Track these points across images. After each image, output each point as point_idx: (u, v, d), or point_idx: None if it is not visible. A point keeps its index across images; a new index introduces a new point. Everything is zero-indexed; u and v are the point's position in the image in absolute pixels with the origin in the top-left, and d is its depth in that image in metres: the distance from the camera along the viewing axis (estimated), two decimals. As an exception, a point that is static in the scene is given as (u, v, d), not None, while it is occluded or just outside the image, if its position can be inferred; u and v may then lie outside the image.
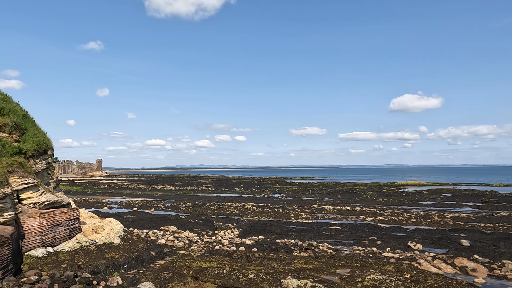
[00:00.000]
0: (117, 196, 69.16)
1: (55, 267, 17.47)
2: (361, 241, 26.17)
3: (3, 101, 21.38)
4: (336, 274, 16.29)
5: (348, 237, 27.85)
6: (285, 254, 20.75)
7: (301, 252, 22.55)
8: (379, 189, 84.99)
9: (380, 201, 58.48)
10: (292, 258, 19.57)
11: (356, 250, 23.11)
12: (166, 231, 29.86)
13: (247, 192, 79.58)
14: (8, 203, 16.96)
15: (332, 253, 21.99)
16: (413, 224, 35.07)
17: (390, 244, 24.86)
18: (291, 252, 22.36)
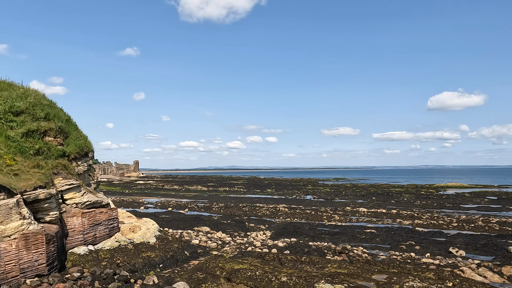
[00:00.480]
0: (153, 197, 71.46)
1: (96, 264, 18.29)
2: (398, 245, 25.18)
3: (49, 107, 22.73)
4: (372, 280, 15.75)
5: (384, 241, 26.90)
6: (318, 257, 20.39)
7: (335, 255, 22.06)
8: (416, 191, 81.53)
9: (418, 204, 56.04)
10: (325, 261, 19.18)
11: (393, 255, 22.26)
12: (200, 231, 30.38)
13: (278, 194, 79.30)
14: (53, 203, 18.00)
15: (367, 258, 21.32)
16: (455, 228, 33.25)
17: (430, 250, 23.71)
18: (324, 255, 21.94)
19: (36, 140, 19.89)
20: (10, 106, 20.06)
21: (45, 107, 22.12)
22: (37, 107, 21.41)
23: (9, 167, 16.70)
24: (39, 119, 20.94)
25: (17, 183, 16.36)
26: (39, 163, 18.75)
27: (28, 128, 19.96)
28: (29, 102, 21.24)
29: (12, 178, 16.35)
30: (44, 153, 19.61)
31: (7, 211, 14.85)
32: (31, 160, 18.49)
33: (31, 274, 15.30)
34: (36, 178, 17.58)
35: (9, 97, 20.75)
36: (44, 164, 18.94)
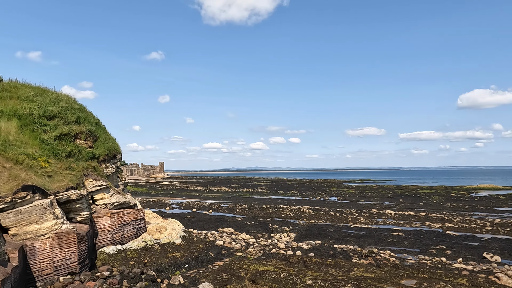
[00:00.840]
0: (178, 197, 72.74)
1: (124, 263, 18.80)
2: (427, 249, 24.31)
3: (79, 111, 23.64)
4: (400, 285, 15.27)
5: (412, 244, 26.05)
6: (344, 260, 20.01)
7: (361, 259, 21.58)
8: (446, 193, 78.52)
9: (448, 206, 53.94)
10: (351, 265, 18.80)
11: (422, 260, 21.51)
12: (224, 232, 30.60)
13: (302, 195, 78.65)
14: (84, 204, 18.67)
15: (395, 262, 20.71)
16: (489, 232, 31.72)
17: (462, 255, 22.73)
18: (350, 258, 21.51)
19: (68, 143, 20.72)
20: (44, 111, 21.02)
21: (76, 111, 23.02)
22: (68, 111, 22.31)
23: (43, 169, 17.47)
24: (70, 123, 21.81)
25: (50, 184, 17.09)
26: (71, 165, 19.51)
27: (61, 131, 20.82)
28: (61, 106, 22.17)
29: (46, 179, 17.10)
30: (75, 155, 20.39)
31: (42, 211, 15.53)
32: (63, 162, 19.27)
33: (64, 272, 15.92)
34: (68, 180, 18.30)
35: (43, 102, 21.75)
36: (75, 166, 19.69)
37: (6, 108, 20.06)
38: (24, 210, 14.97)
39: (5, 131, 18.00)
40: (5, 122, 18.92)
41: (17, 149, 17.12)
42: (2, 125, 18.36)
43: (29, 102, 21.36)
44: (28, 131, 19.47)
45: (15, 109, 20.21)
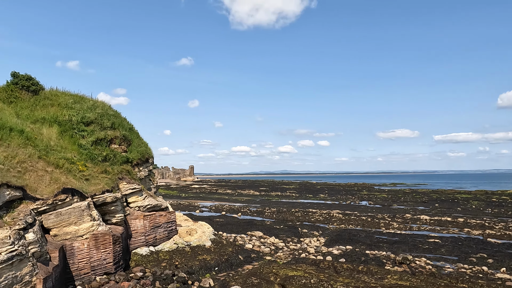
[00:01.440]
0: (207, 200, 73.77)
1: (156, 265, 19.27)
2: (467, 258, 23.05)
3: (114, 116, 24.62)
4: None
5: (450, 252, 24.80)
6: (377, 267, 19.39)
7: (395, 266, 20.82)
8: (487, 198, 74.21)
9: (489, 212, 50.94)
10: (384, 272, 18.17)
11: (461, 268, 20.41)
12: (253, 236, 30.62)
13: (332, 199, 77.28)
14: (119, 206, 19.37)
15: (431, 270, 19.80)
16: (535, 241, 29.56)
17: (506, 264, 21.35)
18: (383, 265, 20.82)
19: (104, 148, 21.63)
20: (81, 117, 22.09)
21: (111, 117, 24.01)
22: (104, 117, 23.31)
23: (81, 172, 18.33)
24: (106, 128, 22.77)
25: (88, 187, 17.89)
26: (106, 169, 20.34)
27: (97, 136, 21.78)
28: (97, 113, 23.21)
29: (83, 182, 17.92)
30: (111, 159, 21.24)
31: (80, 213, 16.28)
32: (100, 166, 20.12)
33: (100, 272, 16.56)
34: (104, 183, 19.08)
35: (80, 109, 22.87)
36: (110, 170, 20.50)
37: (48, 115, 21.28)
38: (64, 212, 15.76)
39: (47, 137, 19.08)
40: (47, 128, 20.07)
41: (58, 154, 18.08)
42: (44, 131, 19.48)
43: (68, 109, 22.53)
44: (67, 137, 20.53)
45: (55, 116, 21.39)
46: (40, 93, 23.38)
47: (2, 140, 15.70)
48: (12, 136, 16.43)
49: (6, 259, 11.18)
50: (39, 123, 20.28)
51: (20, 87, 22.59)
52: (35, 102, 22.50)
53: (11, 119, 17.98)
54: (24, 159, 15.74)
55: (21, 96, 22.43)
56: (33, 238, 13.08)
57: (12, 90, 22.29)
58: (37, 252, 13.13)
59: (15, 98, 22.07)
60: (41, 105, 22.39)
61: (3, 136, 15.93)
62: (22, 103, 21.98)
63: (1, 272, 11.02)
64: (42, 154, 17.05)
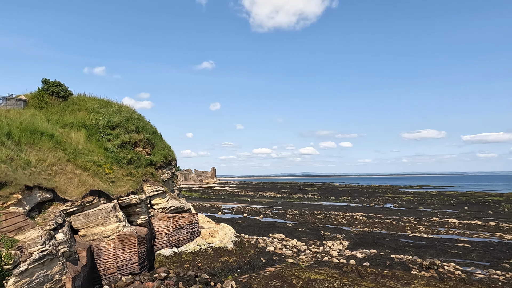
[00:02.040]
0: (229, 202, 74.22)
1: (180, 266, 19.55)
2: (499, 263, 22.02)
3: (138, 120, 25.25)
4: (468, 302, 13.97)
5: (481, 257, 23.77)
6: (402, 272, 18.85)
7: (422, 271, 20.17)
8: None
9: (523, 216, 48.44)
10: (411, 277, 17.64)
11: (493, 275, 19.51)
12: (275, 238, 30.52)
13: (355, 201, 75.91)
14: (143, 208, 19.81)
15: (461, 276, 19.04)
16: None
17: (542, 271, 20.23)
18: (409, 270, 20.21)
19: (129, 151, 22.21)
20: (107, 121, 22.79)
21: (135, 120, 24.64)
22: (129, 121, 23.95)
23: (107, 175, 18.89)
24: (130, 132, 23.38)
25: (113, 189, 18.41)
26: (131, 171, 20.87)
27: (122, 140, 22.40)
28: (122, 117, 23.88)
29: (109, 185, 18.46)
30: (135, 162, 21.78)
31: (106, 214, 16.77)
32: (125, 168, 20.67)
33: (126, 272, 16.98)
34: (129, 185, 19.57)
35: (106, 113, 23.60)
36: (135, 172, 21.02)
37: (76, 120, 22.09)
38: (91, 213, 16.28)
39: (75, 141, 19.80)
40: (75, 132, 20.83)
41: (85, 157, 18.72)
42: (73, 135, 20.23)
43: (95, 113, 23.30)
44: (94, 140, 21.23)
45: (83, 121, 22.18)
46: (69, 99, 24.32)
47: (34, 144, 16.43)
48: (43, 140, 17.17)
49: (38, 258, 11.67)
50: (68, 127, 21.09)
51: (50, 93, 23.58)
52: (64, 107, 23.42)
53: (42, 124, 18.80)
54: (54, 162, 16.40)
55: (51, 101, 23.41)
56: (63, 238, 13.58)
57: (43, 96, 23.32)
58: (67, 252, 13.62)
59: (46, 104, 23.06)
60: (69, 110, 23.28)
61: (35, 140, 16.67)
62: (52, 109, 22.94)
63: (33, 271, 11.50)
64: (70, 157, 17.71)
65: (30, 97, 23.32)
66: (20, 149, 15.37)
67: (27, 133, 16.62)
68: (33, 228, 12.30)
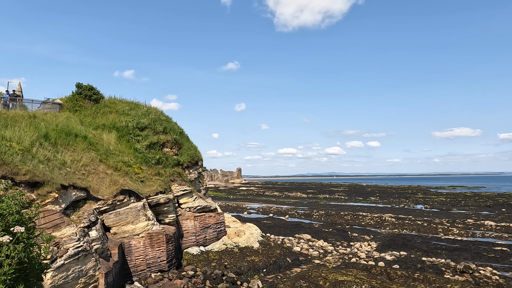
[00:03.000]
0: (255, 202, 74.45)
1: (207, 264, 19.84)
2: (541, 269, 20.73)
3: (166, 121, 25.88)
4: (506, 308, 13.25)
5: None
6: (435, 275, 18.16)
7: (455, 275, 19.34)
8: None
9: None
10: (443, 281, 16.97)
11: (534, 280, 18.40)
12: (301, 238, 30.30)
13: (383, 202, 73.95)
14: (171, 207, 20.27)
15: (498, 281, 18.09)
16: None
17: None
18: (441, 273, 19.45)
19: (157, 151, 22.80)
20: (137, 123, 23.52)
21: (163, 122, 25.28)
22: (157, 122, 24.60)
23: (137, 175, 19.49)
24: (158, 133, 24.00)
25: (143, 188, 18.97)
26: (159, 171, 21.41)
27: (151, 141, 23.04)
28: (151, 118, 24.56)
29: (139, 184, 19.03)
30: (163, 162, 22.33)
31: (136, 212, 17.30)
32: (153, 168, 21.25)
33: (155, 269, 17.44)
34: (157, 185, 20.09)
35: (136, 115, 24.37)
36: (163, 172, 21.56)
37: (107, 122, 22.96)
38: (122, 212, 16.86)
39: (106, 142, 20.58)
40: (107, 134, 21.65)
41: (116, 157, 19.41)
42: (104, 137, 21.04)
43: (125, 115, 24.11)
44: (124, 141, 21.97)
45: (114, 122, 23.01)
46: (101, 102, 25.31)
47: (69, 145, 17.24)
48: (77, 142, 17.97)
49: (73, 254, 12.22)
50: (100, 129, 21.95)
51: (84, 97, 24.64)
52: (96, 110, 24.40)
53: (76, 126, 19.68)
54: (87, 163, 17.12)
55: (84, 104, 24.46)
56: (96, 235, 14.14)
57: (76, 99, 24.41)
58: (99, 249, 14.18)
59: (80, 107, 24.12)
60: (101, 113, 24.23)
61: (70, 142, 17.48)
62: (85, 111, 23.96)
63: (69, 266, 12.07)
64: (102, 158, 18.42)
65: (65, 100, 24.48)
66: (56, 150, 16.17)
67: (63, 135, 17.46)
68: (68, 226, 12.90)
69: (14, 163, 12.58)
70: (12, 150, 13.16)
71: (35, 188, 12.90)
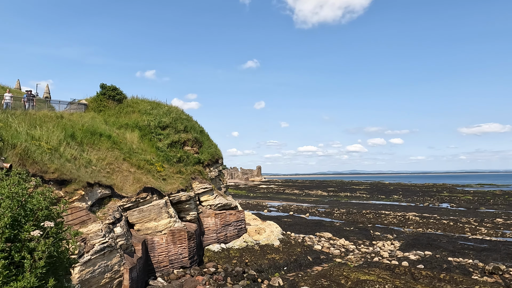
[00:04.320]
0: (275, 200, 74.39)
1: (228, 262, 20.01)
2: None
3: (187, 120, 26.23)
4: (540, 312, 12.67)
5: (555, 264, 21.39)
6: (462, 276, 17.58)
7: (484, 276, 18.66)
8: None
9: None
10: (471, 282, 16.40)
11: None
12: (322, 237, 30.05)
13: (407, 200, 72.18)
14: (192, 204, 20.56)
15: (530, 283, 17.30)
16: None
17: None
18: (469, 274, 18.81)
19: (178, 150, 23.17)
20: (158, 122, 23.97)
21: (184, 121, 25.64)
22: (178, 121, 24.99)
23: (159, 173, 19.88)
24: (179, 132, 24.37)
25: (165, 186, 19.32)
26: (181, 169, 21.75)
27: (172, 139, 23.43)
28: (172, 117, 24.97)
29: (161, 182, 19.40)
30: (184, 160, 22.66)
31: (159, 210, 17.66)
32: (175, 167, 21.60)
33: (177, 265, 17.76)
34: (179, 183, 20.42)
35: (157, 114, 24.83)
36: (184, 170, 21.88)
37: (130, 121, 23.52)
38: (145, 209, 17.25)
39: (129, 141, 21.09)
40: (130, 133, 22.18)
41: (139, 156, 19.86)
42: (127, 136, 21.57)
43: (147, 115, 24.62)
44: (146, 140, 22.45)
45: (136, 122, 23.55)
46: (124, 102, 25.94)
47: (94, 144, 17.78)
48: (102, 141, 18.51)
49: (99, 250, 12.62)
50: (123, 128, 22.52)
51: (107, 97, 25.34)
52: (120, 109, 25.04)
53: (100, 126, 20.28)
54: (112, 161, 17.61)
55: (108, 105, 25.15)
56: (120, 232, 14.54)
57: (101, 100, 25.13)
58: (124, 245, 14.57)
59: (104, 107, 24.82)
60: (124, 112, 24.84)
61: (95, 141, 18.02)
62: (109, 111, 24.63)
63: (95, 261, 12.47)
64: (126, 156, 18.89)
65: (90, 101, 25.26)
66: (82, 149, 16.72)
67: (88, 134, 18.03)
68: (94, 222, 13.33)
69: (43, 162, 13.10)
70: (41, 149, 13.70)
71: (63, 185, 13.39)
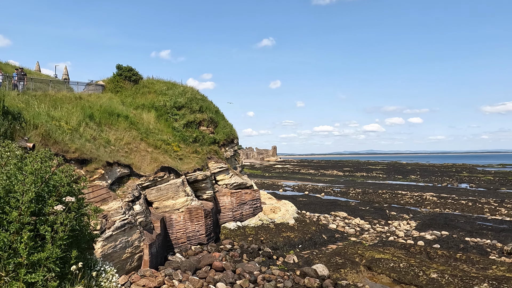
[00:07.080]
0: (290, 180, 74.76)
1: (243, 239, 20.46)
2: None
3: (202, 100, 26.30)
4: (559, 292, 12.53)
5: None
6: (479, 256, 17.45)
7: (502, 256, 18.46)
8: None
9: None
10: (488, 262, 16.28)
11: None
12: (337, 216, 30.20)
13: (424, 181, 71.20)
14: (208, 183, 20.92)
15: (551, 264, 17.01)
16: None
17: None
18: (486, 254, 18.64)
19: (194, 130, 23.39)
20: (174, 102, 24.14)
21: (199, 101, 25.72)
22: (193, 101, 25.09)
23: (175, 152, 20.20)
24: (195, 112, 24.51)
25: (181, 166, 19.67)
26: (197, 149, 22.03)
27: (188, 119, 23.62)
28: (187, 97, 25.07)
29: (178, 162, 19.75)
30: (200, 140, 22.90)
31: (176, 188, 18.06)
32: (191, 146, 21.88)
33: (194, 242, 18.29)
34: (195, 162, 20.73)
35: (173, 94, 24.97)
36: (200, 150, 22.15)
37: (146, 102, 23.78)
38: (163, 188, 17.67)
39: (146, 121, 21.40)
40: (146, 113, 22.47)
41: (156, 136, 20.18)
42: (144, 116, 21.87)
43: (163, 95, 24.80)
44: (163, 120, 22.72)
45: (152, 102, 23.78)
46: (140, 82, 26.16)
47: (112, 125, 18.14)
48: (120, 121, 18.85)
49: (120, 226, 13.11)
50: (140, 109, 22.81)
51: (124, 78, 25.59)
52: (136, 90, 25.30)
53: (118, 107, 20.60)
54: (130, 141, 17.98)
55: (125, 85, 25.42)
56: (140, 209, 15.01)
57: (117, 81, 25.41)
58: (143, 222, 15.07)
59: (120, 88, 25.12)
60: (140, 93, 25.09)
61: (113, 121, 18.38)
62: (126, 92, 24.93)
63: (116, 237, 12.99)
64: (143, 137, 19.24)
65: (107, 82, 25.58)
66: (101, 130, 17.10)
67: (106, 115, 18.38)
68: (114, 200, 13.78)
69: (64, 142, 13.50)
70: (62, 130, 14.10)
71: (84, 165, 13.82)
